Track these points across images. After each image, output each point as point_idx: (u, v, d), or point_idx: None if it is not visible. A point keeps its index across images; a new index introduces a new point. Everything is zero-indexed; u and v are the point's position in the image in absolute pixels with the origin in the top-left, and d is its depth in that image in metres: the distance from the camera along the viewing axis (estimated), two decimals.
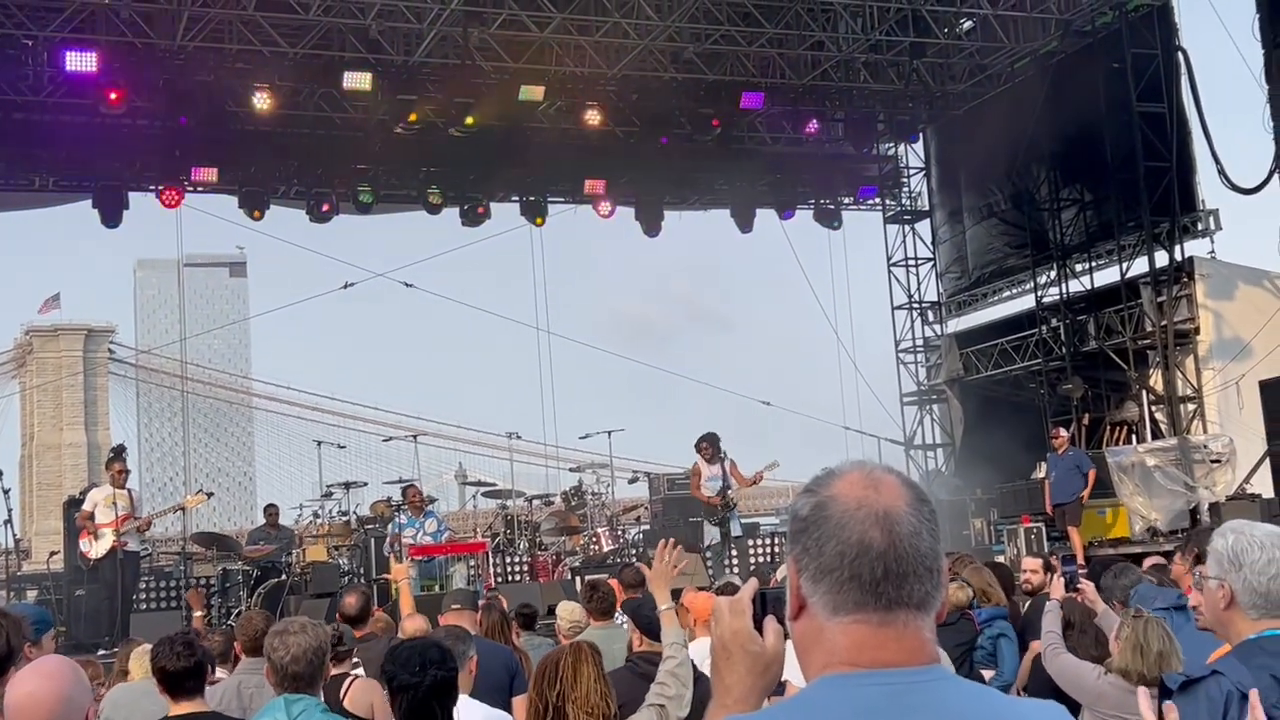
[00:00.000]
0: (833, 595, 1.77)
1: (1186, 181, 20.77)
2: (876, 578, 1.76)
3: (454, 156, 21.51)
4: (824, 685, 1.77)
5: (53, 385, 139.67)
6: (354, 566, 16.71)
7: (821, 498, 1.81)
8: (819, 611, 1.79)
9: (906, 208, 26.45)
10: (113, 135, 19.81)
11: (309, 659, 4.65)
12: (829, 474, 1.86)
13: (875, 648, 1.76)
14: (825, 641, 1.79)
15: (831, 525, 1.78)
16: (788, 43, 21.03)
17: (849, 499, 1.80)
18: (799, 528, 1.82)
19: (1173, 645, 5.13)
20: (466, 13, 18.66)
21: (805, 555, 1.80)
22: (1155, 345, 20.57)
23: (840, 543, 1.77)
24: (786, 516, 1.88)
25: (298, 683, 4.63)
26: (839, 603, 1.77)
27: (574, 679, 4.73)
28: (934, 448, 26.09)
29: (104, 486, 14.62)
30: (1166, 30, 20.71)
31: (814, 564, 1.78)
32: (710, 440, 16.15)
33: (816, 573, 1.78)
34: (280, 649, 4.67)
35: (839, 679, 1.76)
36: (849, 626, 1.77)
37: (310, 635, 4.74)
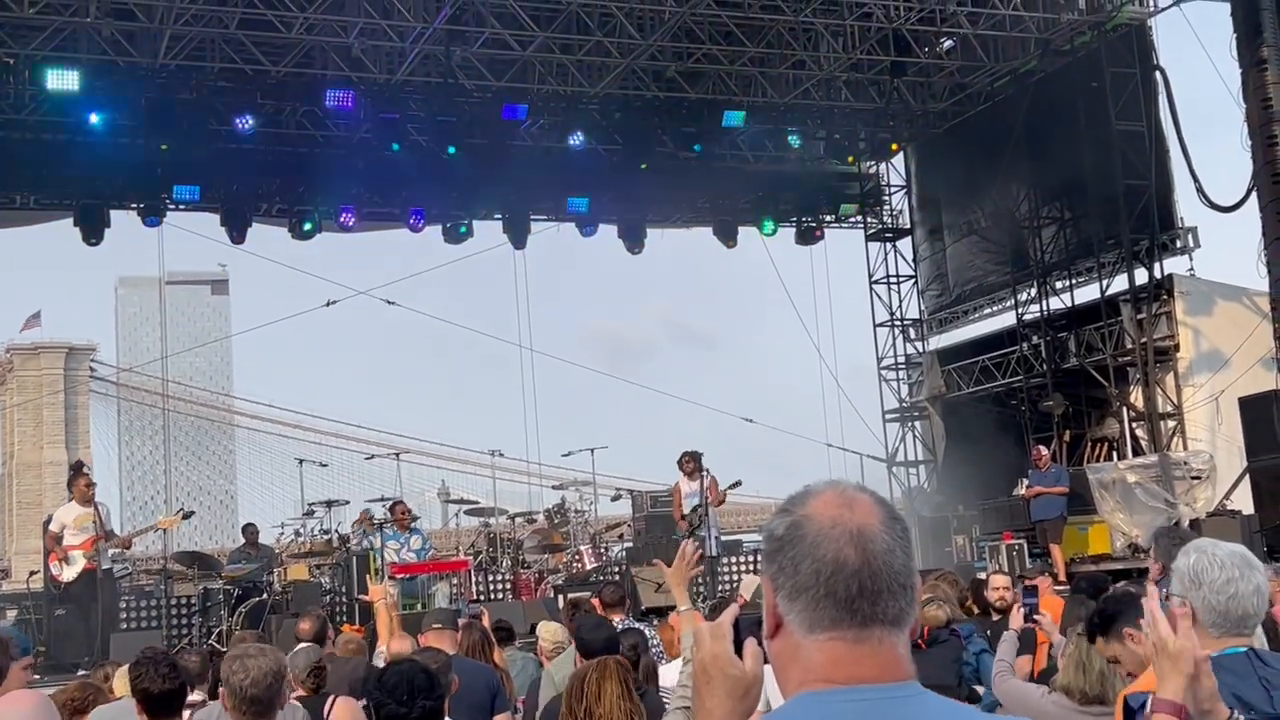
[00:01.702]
0: (809, 613, 1.79)
1: (1165, 199, 20.90)
2: (851, 595, 1.78)
3: (436, 174, 21.51)
4: (800, 702, 1.79)
5: (33, 403, 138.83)
6: (335, 585, 16.65)
7: (796, 517, 1.84)
8: (795, 629, 1.81)
9: (888, 225, 26.55)
10: (94, 153, 19.76)
11: (268, 683, 4.60)
12: (804, 493, 1.88)
13: (851, 664, 1.78)
14: (802, 659, 1.81)
15: (807, 544, 1.80)
16: (769, 61, 21.12)
17: (824, 518, 1.82)
18: (774, 546, 1.84)
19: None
20: (449, 31, 18.70)
21: (781, 574, 1.82)
22: (1135, 362, 20.67)
23: (815, 561, 1.79)
24: (764, 535, 1.90)
25: (255, 706, 4.57)
26: (815, 620, 1.79)
27: (598, 695, 4.81)
28: (916, 464, 26.14)
29: (71, 506, 14.39)
30: (1145, 50, 20.85)
31: (790, 582, 1.80)
32: (693, 456, 16.17)
33: (792, 590, 1.80)
34: (239, 672, 4.61)
35: (815, 695, 1.78)
36: (825, 643, 1.79)
37: (269, 659, 4.69)
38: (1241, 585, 3.32)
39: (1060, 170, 21.75)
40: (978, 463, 22.45)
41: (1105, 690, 4.94)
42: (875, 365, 26.37)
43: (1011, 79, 22.16)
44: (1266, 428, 16.49)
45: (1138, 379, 20.71)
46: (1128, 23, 20.64)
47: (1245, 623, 3.33)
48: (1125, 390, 21.12)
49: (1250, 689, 3.17)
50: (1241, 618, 3.32)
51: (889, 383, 26.38)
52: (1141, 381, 20.53)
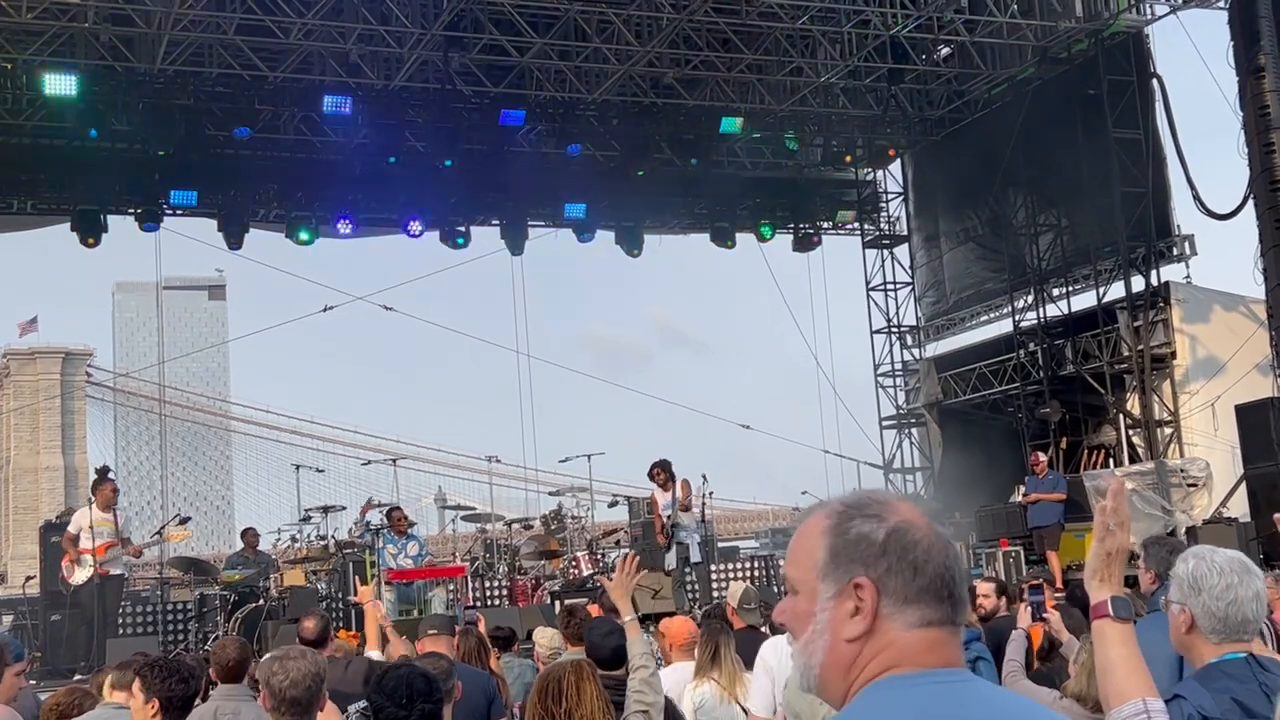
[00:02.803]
0: (924, 610, 1.91)
1: (1162, 207, 20.93)
2: (959, 596, 1.95)
3: (434, 180, 21.52)
4: (893, 683, 1.90)
5: (30, 408, 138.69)
6: (332, 590, 16.62)
7: (894, 523, 1.95)
8: (898, 625, 1.91)
9: (885, 232, 26.57)
10: (91, 158, 19.76)
11: (308, 684, 4.63)
12: (880, 500, 1.99)
13: (945, 650, 1.93)
14: (896, 648, 1.92)
15: (923, 549, 1.93)
16: (767, 68, 21.15)
17: (922, 525, 1.96)
18: (876, 551, 1.93)
19: None
20: (447, 38, 18.73)
21: (893, 576, 1.91)
22: (1132, 369, 20.69)
23: (937, 565, 1.93)
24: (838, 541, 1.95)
25: (295, 708, 4.60)
26: (927, 617, 1.91)
27: (578, 696, 4.83)
28: (913, 471, 26.14)
29: (86, 510, 14.45)
30: (1142, 57, 20.89)
31: (910, 584, 1.91)
32: (663, 467, 16.13)
33: (914, 592, 1.91)
34: (280, 674, 4.65)
35: (910, 677, 1.89)
36: (926, 633, 1.92)
37: (310, 661, 4.72)
38: (1241, 591, 3.32)
39: (1057, 177, 21.78)
40: (974, 469, 22.46)
41: None
42: (872, 372, 26.39)
43: (1009, 86, 22.19)
44: (1263, 435, 16.50)
45: (1134, 386, 20.73)
46: (1125, 31, 20.69)
47: (1245, 628, 3.33)
48: (1122, 397, 21.14)
49: (1250, 695, 3.17)
50: (1241, 623, 3.32)
51: (886, 389, 26.41)
52: (1138, 388, 20.55)
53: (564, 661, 5.15)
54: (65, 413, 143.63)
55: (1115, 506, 2.94)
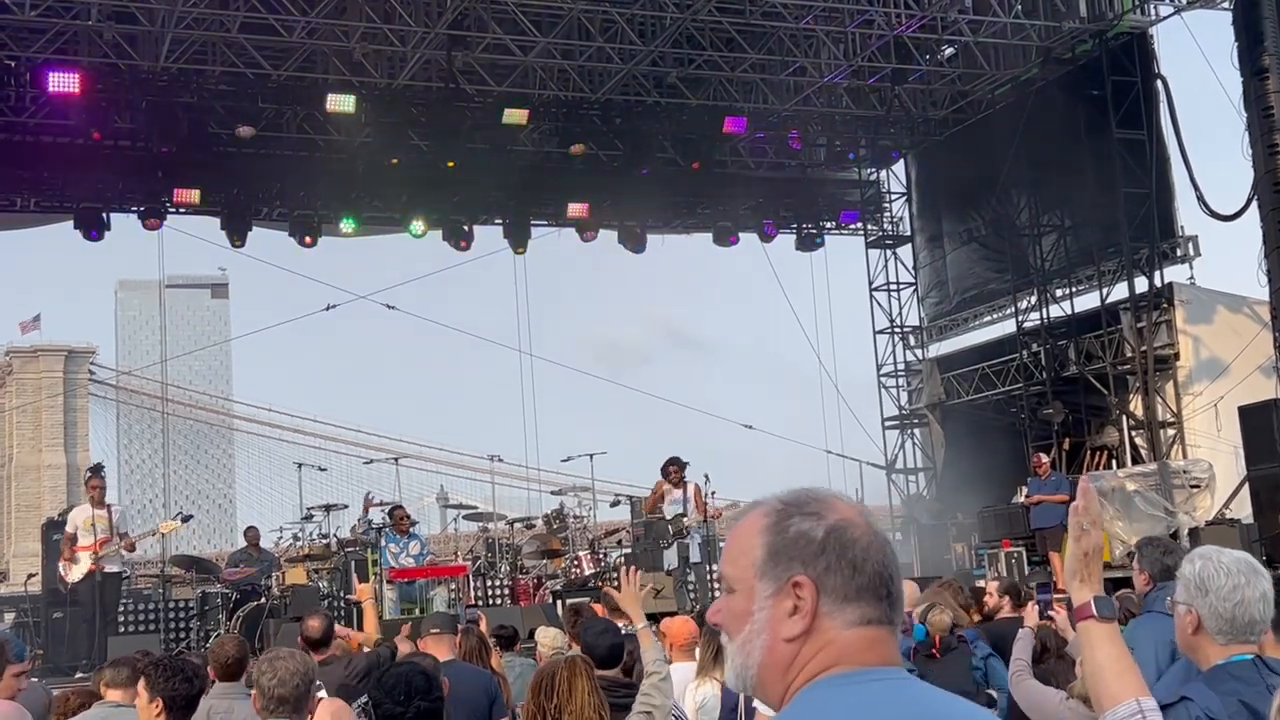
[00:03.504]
0: (863, 609, 1.90)
1: (1166, 208, 20.91)
2: (895, 594, 1.94)
3: (437, 179, 21.52)
4: (834, 682, 1.88)
5: (32, 406, 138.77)
6: (334, 589, 16.62)
7: (833, 521, 1.93)
8: (836, 624, 1.90)
9: (888, 232, 26.56)
10: (95, 156, 19.78)
11: (296, 683, 4.65)
12: (817, 498, 1.97)
13: (884, 648, 1.92)
14: (836, 647, 1.90)
15: (861, 547, 1.92)
16: (770, 68, 21.12)
17: (861, 523, 1.94)
18: (815, 549, 1.91)
19: None
20: (450, 36, 18.72)
21: (832, 574, 1.90)
22: (1135, 370, 20.67)
23: (876, 563, 1.92)
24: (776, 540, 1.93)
25: (283, 706, 4.62)
26: (866, 615, 1.90)
27: (569, 692, 4.85)
28: (915, 472, 26.13)
29: (84, 507, 14.50)
30: (1146, 58, 20.87)
31: (849, 582, 1.90)
32: (677, 464, 16.20)
33: (854, 590, 1.90)
34: (268, 673, 4.68)
35: (849, 675, 1.88)
36: (865, 631, 1.91)
37: (298, 661, 4.75)
38: (1248, 592, 3.30)
39: (1061, 178, 21.76)
40: (977, 470, 22.44)
41: None
42: (875, 372, 26.36)
43: (1012, 87, 22.17)
44: (1266, 436, 16.47)
45: (1137, 387, 20.71)
46: (1129, 31, 20.67)
47: (1252, 629, 3.32)
48: (1125, 398, 21.11)
49: (1257, 697, 3.15)
50: (1248, 624, 3.30)
51: (889, 390, 26.38)
52: (1141, 390, 20.53)
53: (559, 658, 5.17)
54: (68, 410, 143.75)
55: (1085, 505, 2.94)
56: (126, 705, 5.85)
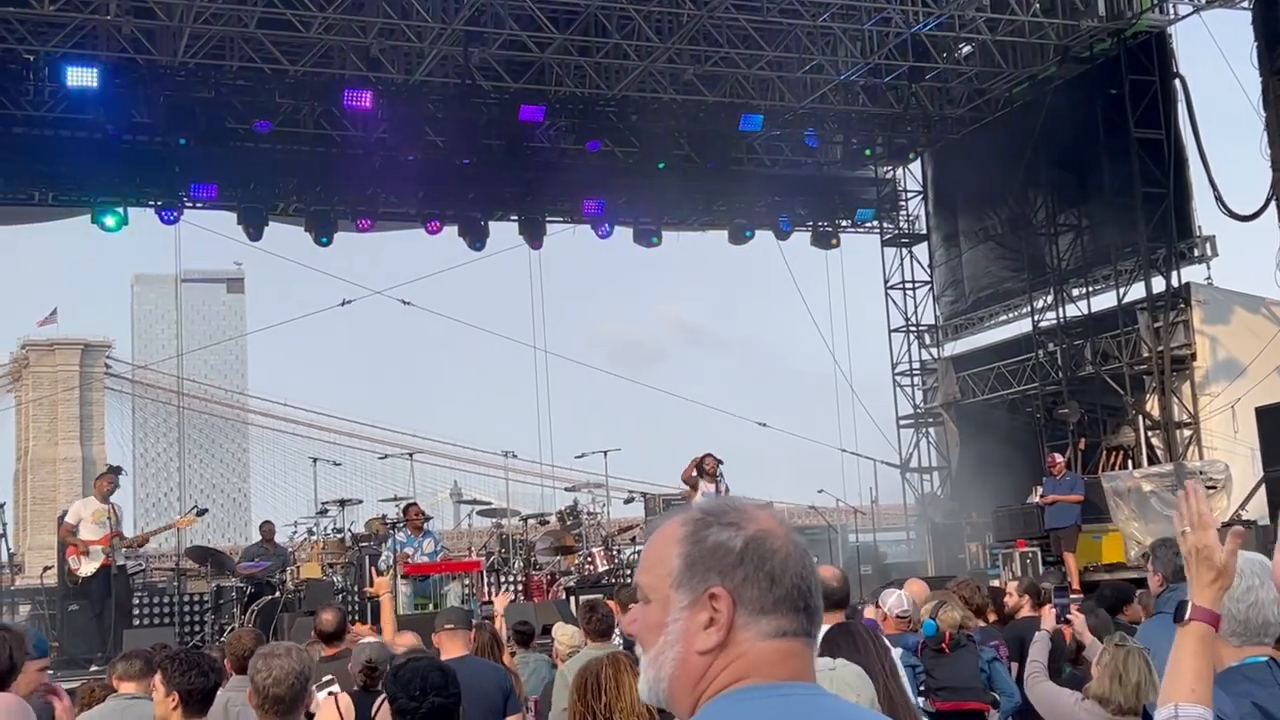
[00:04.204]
0: (779, 621, 1.86)
1: (1183, 208, 20.83)
2: (814, 606, 1.90)
3: (453, 175, 21.54)
4: (750, 694, 1.84)
5: (48, 400, 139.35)
6: (348, 584, 16.66)
7: (752, 532, 1.89)
8: (752, 636, 1.86)
9: (904, 231, 26.51)
10: (113, 151, 19.82)
11: (291, 682, 4.62)
12: (737, 509, 1.94)
13: (799, 662, 1.88)
14: (748, 659, 1.86)
15: (779, 559, 1.88)
16: (787, 65, 21.10)
17: (780, 534, 1.91)
18: (733, 561, 1.87)
19: (1151, 676, 5.13)
20: (467, 32, 18.74)
21: (749, 585, 1.86)
22: (1152, 371, 20.60)
23: (794, 575, 1.88)
24: (693, 549, 1.90)
25: (279, 706, 4.60)
26: (782, 627, 1.86)
27: (618, 689, 4.77)
28: (930, 471, 26.09)
29: (89, 500, 14.49)
30: (1164, 57, 20.79)
31: (765, 595, 1.86)
32: (714, 458, 16.26)
33: (770, 603, 1.86)
34: (263, 670, 4.65)
35: (764, 689, 1.84)
36: (780, 644, 1.87)
37: (295, 659, 4.71)
38: (1262, 593, 3.29)
39: (1078, 177, 21.70)
40: (992, 469, 22.37)
41: (1140, 703, 4.90)
42: (890, 371, 26.34)
43: (1030, 85, 22.11)
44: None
45: (1154, 387, 20.64)
46: (1147, 30, 20.59)
47: (1266, 631, 3.30)
48: (1141, 398, 21.04)
49: (1271, 699, 3.14)
50: (1262, 626, 3.29)
51: (903, 388, 26.34)
52: (1158, 390, 20.46)
53: (599, 656, 5.08)
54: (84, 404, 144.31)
55: (1190, 507, 2.91)
56: (142, 697, 5.87)
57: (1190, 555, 2.89)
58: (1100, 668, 5.28)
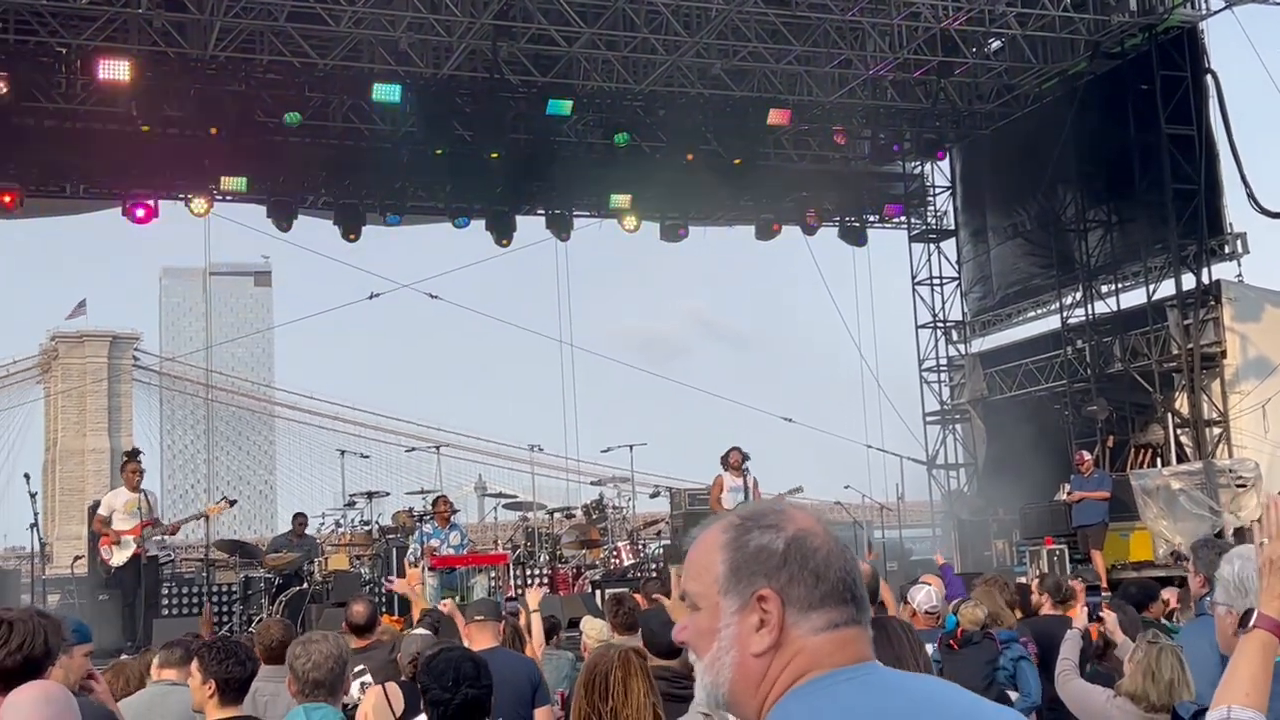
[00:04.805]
0: (830, 614, 1.91)
1: (1214, 204, 20.69)
2: (860, 596, 1.95)
3: (481, 169, 21.57)
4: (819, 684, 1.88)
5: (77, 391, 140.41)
6: (375, 575, 16.74)
7: (792, 533, 1.94)
8: (805, 632, 1.90)
9: (932, 226, 26.41)
10: (143, 144, 19.93)
11: (330, 666, 4.68)
12: (775, 511, 1.99)
13: (857, 647, 1.92)
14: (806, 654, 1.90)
15: (822, 556, 1.93)
16: (815, 60, 21.05)
17: (818, 532, 1.96)
18: (777, 562, 1.92)
19: (1185, 674, 5.12)
20: (496, 27, 18.77)
21: (795, 585, 1.91)
22: (1181, 368, 20.48)
23: (838, 570, 1.93)
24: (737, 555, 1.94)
25: (318, 690, 4.66)
26: (834, 620, 1.91)
27: (625, 694, 4.74)
28: (956, 467, 26.01)
29: (120, 490, 14.60)
30: (1196, 53, 20.65)
31: (813, 592, 1.91)
32: (739, 451, 16.24)
33: (818, 599, 1.91)
34: (303, 656, 4.71)
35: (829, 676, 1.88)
36: (834, 635, 1.92)
37: (332, 644, 4.78)
38: None
39: (1108, 173, 21.58)
40: (1019, 467, 22.28)
41: (1174, 701, 4.89)
42: (917, 367, 26.26)
43: (1060, 81, 21.99)
44: None
45: (1183, 385, 20.52)
46: (1179, 25, 20.45)
47: None
48: (1170, 396, 20.93)
49: None
50: None
51: (930, 385, 26.26)
52: (1187, 387, 20.34)
53: (611, 654, 5.04)
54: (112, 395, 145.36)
55: (1271, 519, 2.91)
56: (180, 684, 5.93)
57: (1265, 564, 2.89)
58: (1133, 665, 5.26)
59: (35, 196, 21.39)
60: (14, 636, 3.70)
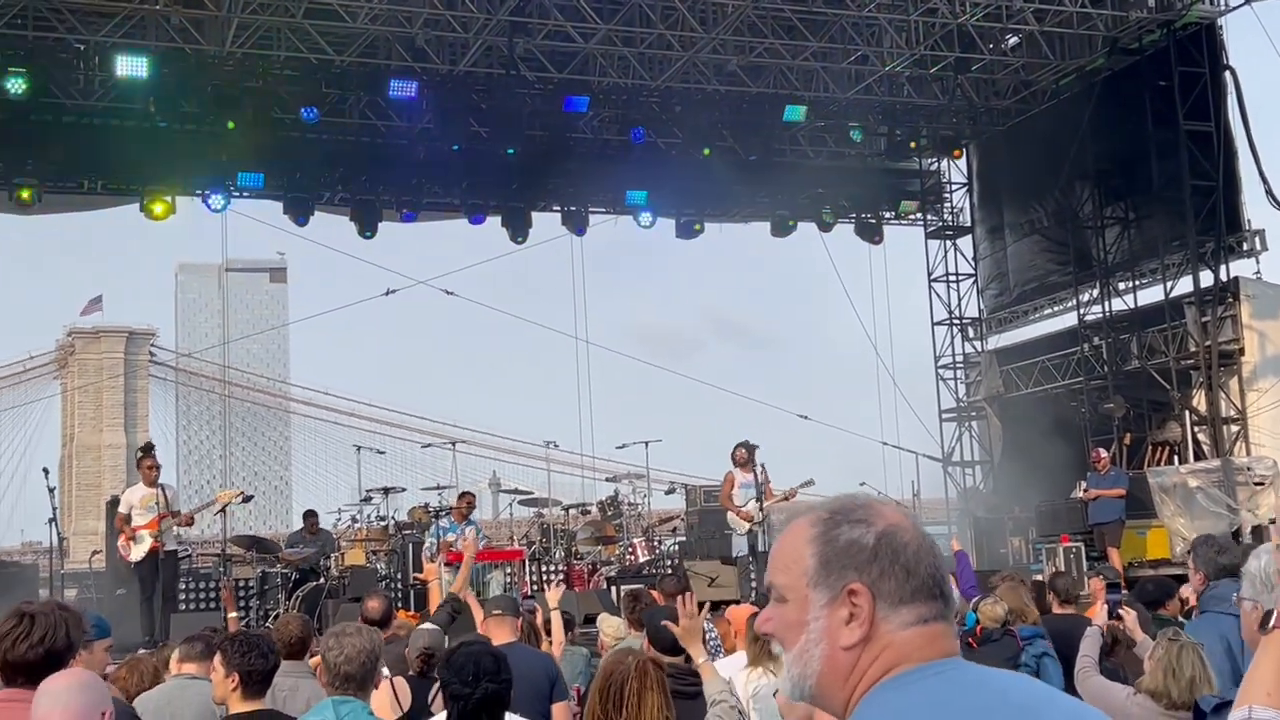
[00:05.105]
0: (920, 609, 1.93)
1: (1232, 201, 20.62)
2: (948, 594, 1.97)
3: (497, 166, 21.60)
4: (908, 678, 1.90)
5: (93, 387, 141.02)
6: (391, 571, 16.77)
7: (883, 527, 1.95)
8: (894, 627, 1.91)
9: (948, 223, 26.36)
10: (161, 140, 19.99)
11: (362, 660, 4.69)
12: (864, 504, 2.00)
13: (944, 642, 1.94)
14: (894, 648, 1.91)
15: (911, 551, 1.94)
16: (831, 56, 21.01)
17: (907, 527, 1.97)
18: (868, 556, 1.93)
19: (1206, 671, 5.10)
20: (512, 23, 18.77)
21: (886, 579, 1.92)
22: (1199, 365, 20.41)
23: (927, 565, 1.94)
24: (827, 548, 1.96)
25: (349, 683, 4.67)
26: (923, 615, 1.93)
27: (639, 706, 4.72)
28: (972, 465, 25.96)
29: (138, 486, 14.64)
30: (1215, 49, 20.57)
31: (904, 586, 1.92)
32: (746, 446, 16.12)
33: (909, 593, 1.93)
34: (335, 649, 4.73)
35: (919, 670, 1.90)
36: (923, 630, 1.93)
37: (365, 638, 4.79)
38: None
39: (1126, 170, 21.50)
40: (1035, 464, 22.22)
41: (1194, 698, 4.88)
42: (933, 364, 26.20)
43: (1078, 77, 21.92)
44: None
45: (1201, 382, 20.45)
46: (1198, 21, 20.37)
47: None
48: (1188, 394, 20.85)
49: None
50: None
51: (946, 382, 26.22)
52: (1205, 385, 20.27)
53: (628, 662, 4.99)
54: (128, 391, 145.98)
55: None
56: (201, 678, 5.95)
57: None
58: (1153, 662, 5.25)
59: (53, 192, 21.48)
60: (35, 629, 3.71)
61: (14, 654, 3.66)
